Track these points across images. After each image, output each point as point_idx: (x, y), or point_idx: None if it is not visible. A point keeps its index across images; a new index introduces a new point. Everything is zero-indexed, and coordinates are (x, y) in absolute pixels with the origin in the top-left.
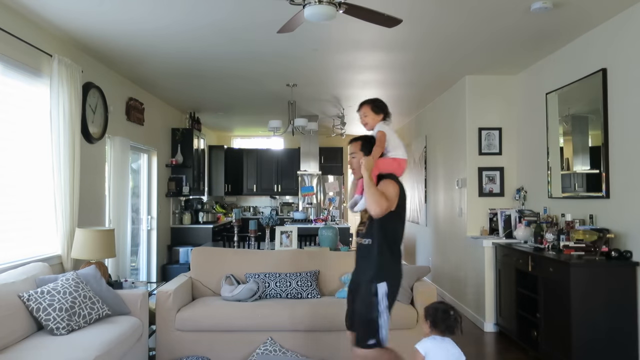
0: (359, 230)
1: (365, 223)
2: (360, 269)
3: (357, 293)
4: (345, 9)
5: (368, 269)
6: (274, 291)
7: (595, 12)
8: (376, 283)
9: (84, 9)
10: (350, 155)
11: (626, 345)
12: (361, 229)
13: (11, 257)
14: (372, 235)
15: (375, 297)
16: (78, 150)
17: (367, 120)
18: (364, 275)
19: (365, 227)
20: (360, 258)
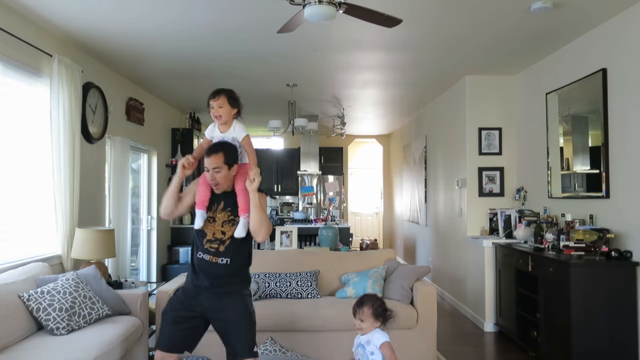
0: (211, 247)
1: (221, 240)
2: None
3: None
4: (345, 9)
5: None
6: (274, 291)
7: (595, 12)
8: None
9: (84, 9)
10: (214, 170)
11: (626, 345)
12: (214, 245)
13: (11, 257)
14: (234, 254)
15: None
16: (78, 150)
17: (222, 113)
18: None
19: (226, 245)
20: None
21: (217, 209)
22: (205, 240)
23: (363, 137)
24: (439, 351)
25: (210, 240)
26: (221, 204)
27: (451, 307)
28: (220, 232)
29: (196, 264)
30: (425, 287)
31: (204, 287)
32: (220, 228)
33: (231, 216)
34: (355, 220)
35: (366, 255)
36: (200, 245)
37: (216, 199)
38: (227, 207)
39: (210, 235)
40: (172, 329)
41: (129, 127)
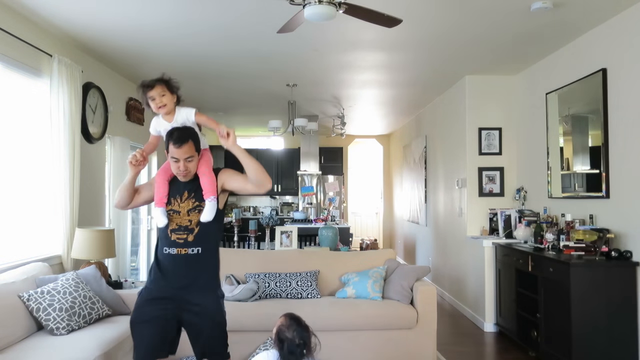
0: (178, 239)
1: (188, 228)
2: (191, 281)
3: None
4: (345, 9)
5: (204, 279)
6: (274, 291)
7: (595, 12)
8: (221, 292)
9: (84, 9)
10: (187, 159)
11: (626, 345)
12: (182, 235)
13: (11, 257)
14: (205, 242)
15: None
16: (78, 150)
17: (166, 101)
18: (203, 287)
19: (194, 234)
20: (185, 269)
21: (180, 200)
22: (169, 230)
23: (363, 137)
24: (439, 351)
25: (175, 230)
26: (184, 193)
27: (451, 307)
28: (187, 221)
29: (162, 261)
30: (425, 287)
31: (173, 287)
32: (187, 217)
33: (196, 202)
34: (355, 220)
35: (366, 255)
36: (165, 239)
37: (176, 190)
38: (190, 195)
39: (175, 225)
40: (147, 337)
41: (129, 127)
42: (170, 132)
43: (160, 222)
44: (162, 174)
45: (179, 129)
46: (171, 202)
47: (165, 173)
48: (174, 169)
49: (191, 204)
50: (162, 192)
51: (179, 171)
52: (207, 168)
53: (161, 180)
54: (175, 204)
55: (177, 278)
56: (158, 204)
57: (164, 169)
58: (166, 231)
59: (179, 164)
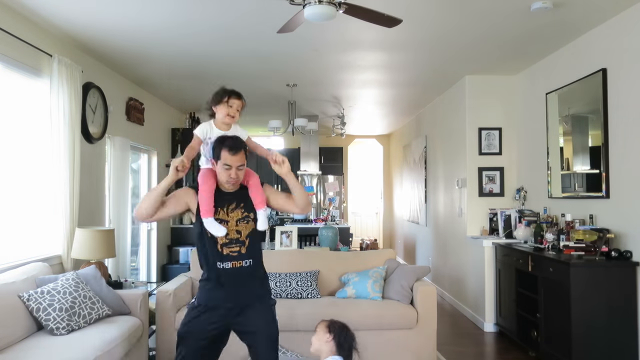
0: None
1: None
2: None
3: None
4: (345, 9)
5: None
6: (274, 291)
7: (596, 12)
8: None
9: (84, 9)
10: (238, 167)
11: (626, 345)
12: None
13: (11, 257)
14: (254, 254)
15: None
16: (78, 150)
17: (237, 116)
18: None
19: (246, 246)
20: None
21: (228, 209)
22: (219, 245)
23: (363, 137)
24: (439, 351)
25: (226, 244)
26: (233, 203)
27: (451, 307)
28: (235, 232)
29: (217, 276)
30: (425, 287)
31: (230, 301)
32: (235, 227)
33: (245, 213)
34: (355, 220)
35: (366, 255)
36: (215, 254)
37: (221, 200)
38: (239, 205)
39: (224, 238)
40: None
41: (129, 127)
42: (222, 139)
43: (219, 231)
44: (207, 184)
45: (232, 137)
46: (218, 212)
47: (209, 183)
48: (224, 177)
49: (240, 213)
50: (209, 201)
51: (229, 179)
52: (256, 181)
53: (207, 190)
54: (222, 213)
55: (234, 292)
56: (207, 213)
57: (208, 178)
58: (214, 245)
59: (230, 171)
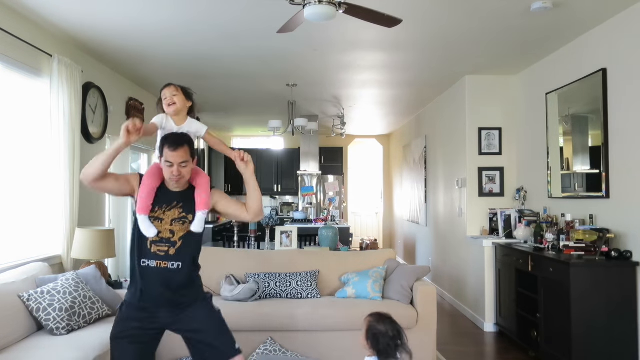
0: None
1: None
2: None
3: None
4: (345, 9)
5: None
6: (274, 291)
7: (595, 12)
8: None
9: (84, 9)
10: (181, 164)
11: (626, 345)
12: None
13: (11, 257)
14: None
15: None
16: (78, 150)
17: (177, 101)
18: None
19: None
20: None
21: (166, 208)
22: (149, 242)
23: (363, 137)
24: (439, 351)
25: (155, 242)
26: (173, 202)
27: (451, 307)
28: (169, 232)
29: (140, 273)
30: (425, 287)
31: (155, 301)
32: (169, 227)
33: (183, 213)
34: (355, 220)
35: (366, 255)
36: (143, 250)
37: (164, 198)
38: (179, 204)
39: (156, 236)
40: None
41: None
42: (165, 136)
43: (149, 232)
44: (150, 179)
45: (175, 133)
46: (154, 210)
47: (153, 179)
48: (167, 174)
49: (177, 213)
50: (148, 198)
51: (172, 176)
52: (204, 183)
53: (149, 186)
54: (159, 211)
55: (159, 293)
56: (142, 210)
57: (153, 174)
58: (144, 241)
59: (172, 168)
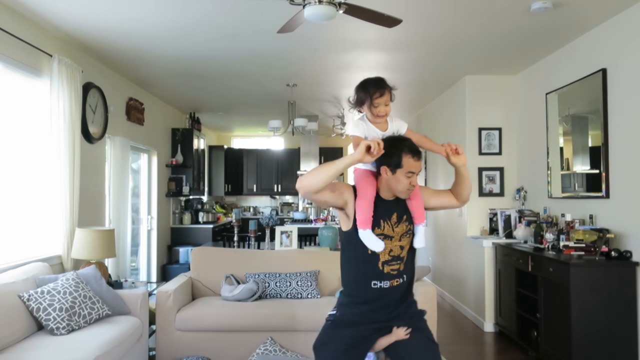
0: (392, 271)
1: (400, 257)
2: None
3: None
4: (345, 9)
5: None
6: (274, 291)
7: (595, 12)
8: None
9: (84, 9)
10: (416, 174)
11: (626, 345)
12: (395, 267)
13: (11, 257)
14: (411, 268)
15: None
16: (78, 150)
17: (388, 112)
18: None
19: (404, 262)
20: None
21: (392, 223)
22: (380, 263)
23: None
24: None
25: (387, 262)
26: (393, 215)
27: (451, 307)
28: (399, 248)
29: (368, 296)
30: (425, 287)
31: (384, 323)
32: (398, 243)
33: (409, 225)
34: None
35: None
36: (372, 271)
37: (384, 211)
38: (401, 217)
39: (386, 255)
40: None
41: (129, 127)
42: (401, 144)
43: (378, 247)
44: (367, 189)
45: (411, 141)
46: (380, 225)
47: (371, 189)
48: (403, 185)
49: (405, 227)
50: (369, 210)
51: (410, 187)
52: (419, 193)
53: (368, 197)
54: (386, 227)
55: (388, 314)
56: (365, 225)
57: (369, 183)
58: (371, 261)
59: (412, 179)
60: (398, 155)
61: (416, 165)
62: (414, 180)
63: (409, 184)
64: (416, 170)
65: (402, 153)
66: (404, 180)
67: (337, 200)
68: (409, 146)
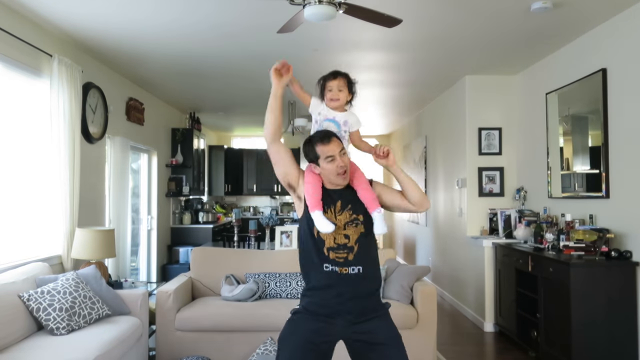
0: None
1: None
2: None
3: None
4: (345, 9)
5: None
6: (274, 291)
7: (595, 12)
8: (387, 305)
9: (84, 9)
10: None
11: (626, 345)
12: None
13: (11, 257)
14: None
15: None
16: (78, 150)
17: (341, 97)
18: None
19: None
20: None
21: (335, 211)
22: (325, 248)
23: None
24: (439, 351)
25: (332, 249)
26: (337, 203)
27: (451, 307)
28: (343, 237)
29: (324, 278)
30: (425, 287)
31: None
32: (343, 232)
33: (353, 215)
34: None
35: None
36: (320, 255)
37: (329, 199)
38: (346, 206)
39: (331, 242)
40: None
41: (129, 127)
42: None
43: (328, 227)
44: (311, 176)
45: (321, 132)
46: (326, 212)
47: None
48: (333, 170)
49: (348, 216)
50: (317, 193)
51: (338, 169)
52: (365, 182)
53: (313, 181)
54: (331, 214)
55: (345, 300)
56: (316, 206)
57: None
58: (320, 246)
59: (336, 161)
60: (312, 147)
61: (329, 148)
62: (340, 161)
63: (336, 167)
64: (333, 153)
65: (314, 144)
66: (330, 166)
67: (293, 166)
68: (317, 136)
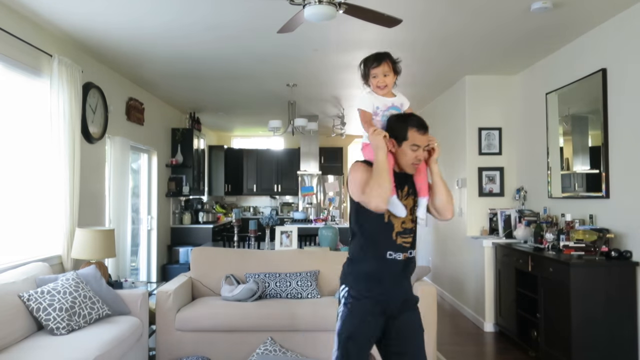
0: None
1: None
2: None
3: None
4: (345, 9)
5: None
6: (274, 291)
7: (595, 12)
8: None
9: (84, 9)
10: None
11: (626, 345)
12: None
13: (11, 257)
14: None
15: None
16: (78, 150)
17: (388, 82)
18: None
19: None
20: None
21: (403, 195)
22: (394, 233)
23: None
24: (439, 351)
25: (400, 233)
26: (405, 188)
27: (451, 307)
28: (410, 221)
29: (382, 267)
30: (425, 287)
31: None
32: (410, 216)
33: (415, 199)
34: None
35: None
36: (386, 242)
37: (397, 183)
38: (410, 191)
39: (399, 226)
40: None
41: (129, 127)
42: (405, 116)
43: (403, 212)
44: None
45: (419, 117)
46: (398, 195)
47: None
48: (411, 159)
49: (412, 201)
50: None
51: (416, 160)
52: (424, 166)
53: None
54: (401, 198)
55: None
56: (393, 191)
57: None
58: (388, 231)
59: (417, 152)
60: (404, 128)
61: (421, 139)
62: (420, 154)
63: (414, 157)
64: (421, 144)
65: (408, 126)
66: (410, 154)
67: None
68: (415, 120)
